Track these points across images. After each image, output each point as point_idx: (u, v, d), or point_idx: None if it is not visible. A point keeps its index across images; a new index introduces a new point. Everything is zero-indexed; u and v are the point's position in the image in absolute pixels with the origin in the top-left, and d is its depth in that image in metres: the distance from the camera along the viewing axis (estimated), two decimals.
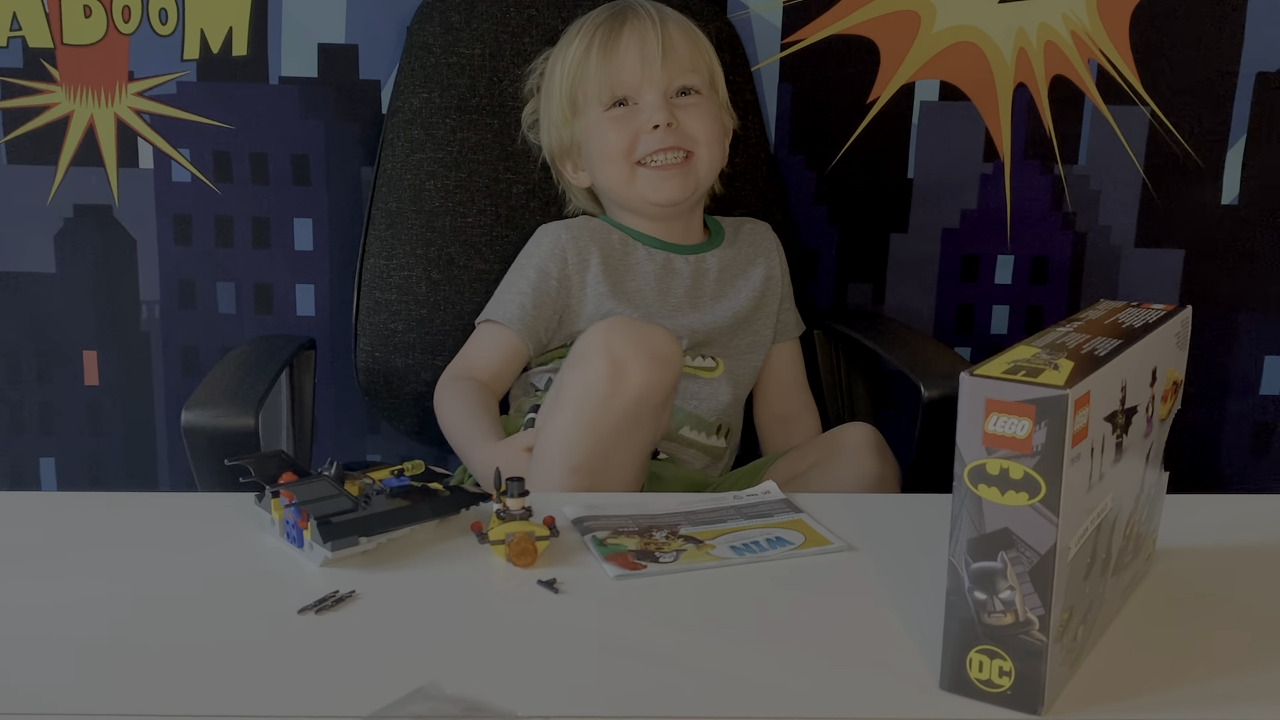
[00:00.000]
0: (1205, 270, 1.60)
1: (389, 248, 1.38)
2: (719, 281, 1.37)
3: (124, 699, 0.70)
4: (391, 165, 1.39)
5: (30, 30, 1.48)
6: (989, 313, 1.62)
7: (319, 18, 1.49)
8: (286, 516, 0.89)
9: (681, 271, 1.35)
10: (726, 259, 1.39)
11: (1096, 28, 1.53)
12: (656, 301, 1.34)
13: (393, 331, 1.38)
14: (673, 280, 1.35)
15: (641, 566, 0.87)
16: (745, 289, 1.38)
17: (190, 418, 1.10)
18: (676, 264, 1.36)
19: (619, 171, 1.32)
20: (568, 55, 1.34)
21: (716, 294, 1.37)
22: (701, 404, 1.33)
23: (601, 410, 1.06)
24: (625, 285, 1.34)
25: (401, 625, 0.79)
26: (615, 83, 1.32)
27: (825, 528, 0.95)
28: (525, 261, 1.35)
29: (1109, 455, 0.71)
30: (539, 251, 1.34)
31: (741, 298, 1.38)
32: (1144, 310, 0.83)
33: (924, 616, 0.79)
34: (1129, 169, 1.57)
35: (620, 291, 1.33)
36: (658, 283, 1.34)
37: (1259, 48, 1.53)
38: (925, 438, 1.19)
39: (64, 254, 1.55)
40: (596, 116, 1.33)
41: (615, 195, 1.35)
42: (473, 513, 0.95)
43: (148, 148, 1.52)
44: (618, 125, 1.32)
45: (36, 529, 0.94)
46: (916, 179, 1.57)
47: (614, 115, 1.32)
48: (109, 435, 1.61)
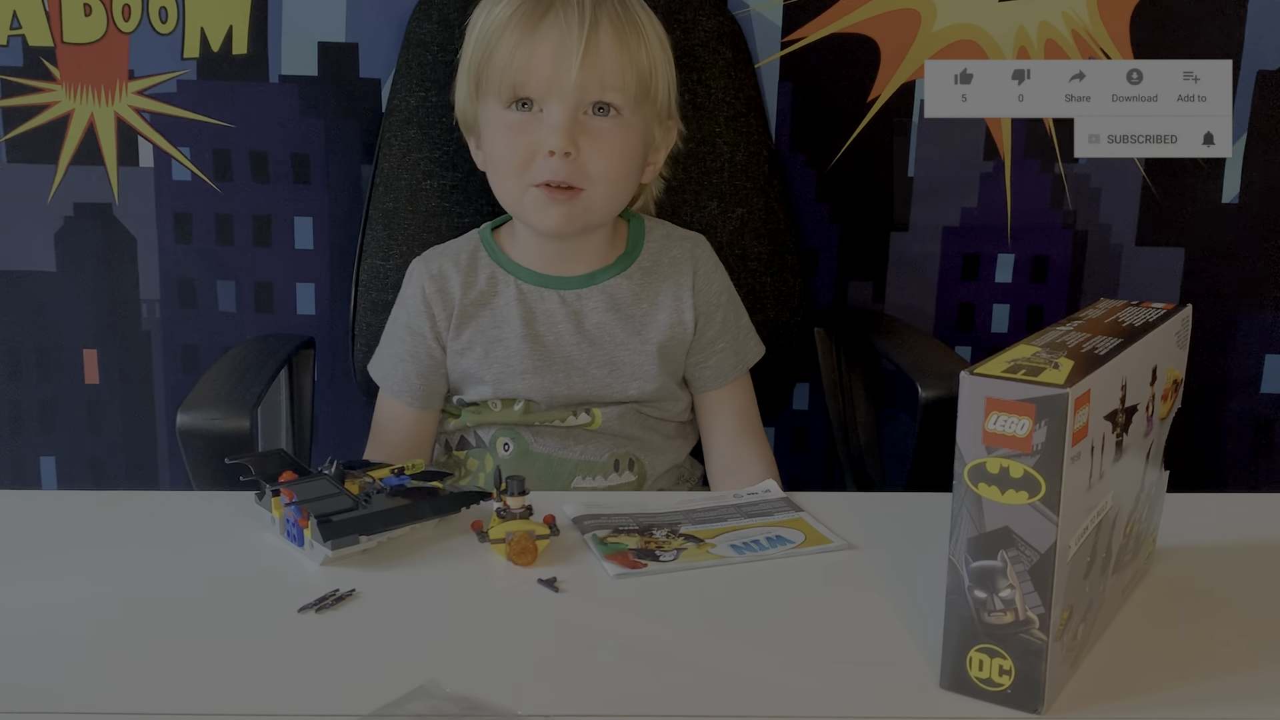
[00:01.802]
0: (1206, 269, 1.60)
1: (386, 248, 1.38)
2: (605, 323, 1.21)
3: (124, 697, 0.70)
4: (389, 165, 1.39)
5: (30, 29, 1.48)
6: (989, 311, 1.62)
7: (319, 16, 1.49)
8: (287, 515, 0.89)
9: (554, 315, 1.21)
10: (624, 293, 1.22)
11: (1097, 26, 1.52)
12: (519, 352, 1.20)
13: None
14: (540, 325, 1.21)
15: (642, 565, 0.87)
16: (641, 334, 1.22)
17: (185, 420, 1.10)
18: (549, 305, 1.21)
19: (510, 186, 1.18)
20: (487, 22, 1.17)
21: (596, 338, 1.21)
22: (587, 447, 1.22)
23: None
24: (490, 334, 1.22)
25: (401, 624, 0.79)
26: (519, 81, 1.14)
27: (825, 526, 0.95)
28: (400, 314, 1.26)
29: (1109, 454, 0.71)
30: (408, 305, 1.25)
31: (631, 347, 1.21)
32: (1144, 309, 0.83)
33: (924, 615, 0.79)
34: (1129, 167, 1.57)
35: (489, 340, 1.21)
36: (525, 328, 1.20)
37: (1259, 46, 1.53)
38: (924, 437, 1.19)
39: (64, 252, 1.55)
40: (495, 111, 1.17)
41: (505, 206, 1.22)
42: (473, 511, 0.95)
43: (148, 146, 1.52)
44: (514, 136, 1.15)
45: (36, 528, 0.94)
46: (917, 177, 1.57)
47: (512, 121, 1.16)
48: (109, 434, 1.61)
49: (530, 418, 1.22)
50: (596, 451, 1.22)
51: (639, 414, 1.24)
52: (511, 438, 1.23)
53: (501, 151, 1.17)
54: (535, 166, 1.15)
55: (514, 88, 1.15)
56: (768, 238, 1.42)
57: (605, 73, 1.14)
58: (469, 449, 1.27)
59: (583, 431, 1.23)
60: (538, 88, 1.14)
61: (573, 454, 1.22)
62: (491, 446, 1.24)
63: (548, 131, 1.13)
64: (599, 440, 1.23)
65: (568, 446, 1.22)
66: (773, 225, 1.44)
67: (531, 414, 1.22)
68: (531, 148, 1.14)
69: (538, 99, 1.15)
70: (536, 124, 1.15)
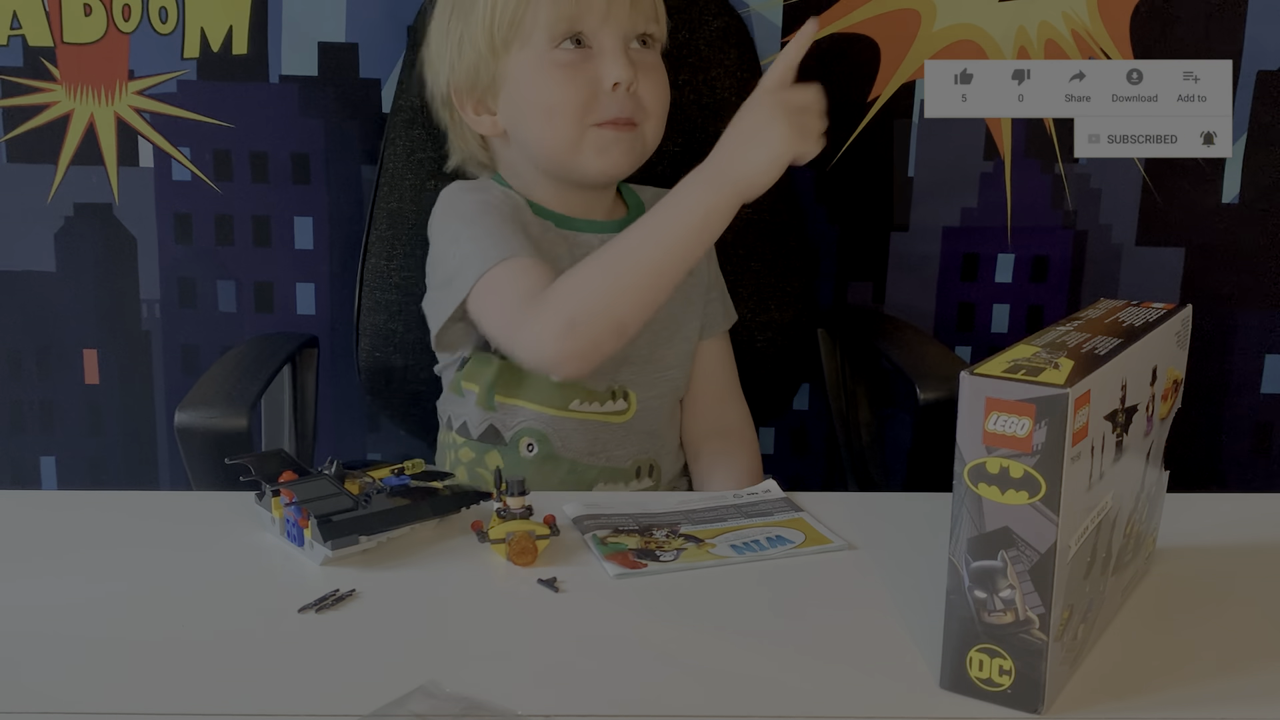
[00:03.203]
0: (1206, 269, 1.60)
1: (390, 248, 1.38)
2: None
3: (124, 697, 0.70)
4: (393, 165, 1.39)
5: (30, 29, 1.48)
6: (989, 311, 1.62)
7: (319, 16, 1.49)
8: (287, 515, 0.89)
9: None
10: None
11: (1097, 26, 1.52)
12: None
13: (393, 332, 1.38)
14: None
15: (642, 565, 0.87)
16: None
17: (183, 419, 1.10)
18: (592, 246, 1.12)
19: (565, 132, 1.13)
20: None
21: None
22: (612, 453, 1.19)
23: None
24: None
25: (401, 624, 0.79)
26: (575, 14, 1.10)
27: (825, 526, 0.95)
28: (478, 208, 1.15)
29: (1109, 454, 0.71)
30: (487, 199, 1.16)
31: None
32: (1144, 309, 0.83)
33: (924, 615, 0.79)
34: (1129, 167, 1.57)
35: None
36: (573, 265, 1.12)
37: (1259, 46, 1.53)
38: (924, 438, 1.19)
39: (64, 252, 1.55)
40: (539, 56, 1.12)
41: (549, 157, 1.16)
42: (473, 511, 0.95)
43: (148, 146, 1.52)
44: (570, 75, 1.11)
45: (36, 528, 0.94)
46: (917, 177, 1.57)
47: (564, 60, 1.11)
48: (109, 434, 1.61)
49: (569, 393, 1.16)
50: (621, 457, 1.19)
51: (667, 401, 1.22)
52: (537, 439, 1.18)
53: (555, 94, 1.12)
54: (599, 104, 1.12)
55: (570, 20, 1.11)
56: (770, 238, 1.42)
57: (647, 2, 1.14)
58: (486, 446, 1.19)
59: (612, 429, 1.18)
60: (594, 20, 1.11)
61: (598, 460, 1.18)
62: (514, 446, 1.18)
63: (610, 64, 1.11)
64: (625, 442, 1.19)
65: (594, 452, 1.18)
66: (776, 225, 1.44)
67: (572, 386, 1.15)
68: (592, 84, 1.12)
69: (591, 32, 1.12)
70: (590, 60, 1.12)
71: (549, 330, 1.04)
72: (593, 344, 1.04)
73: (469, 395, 1.20)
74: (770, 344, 1.41)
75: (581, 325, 1.03)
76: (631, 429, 1.20)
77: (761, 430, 1.64)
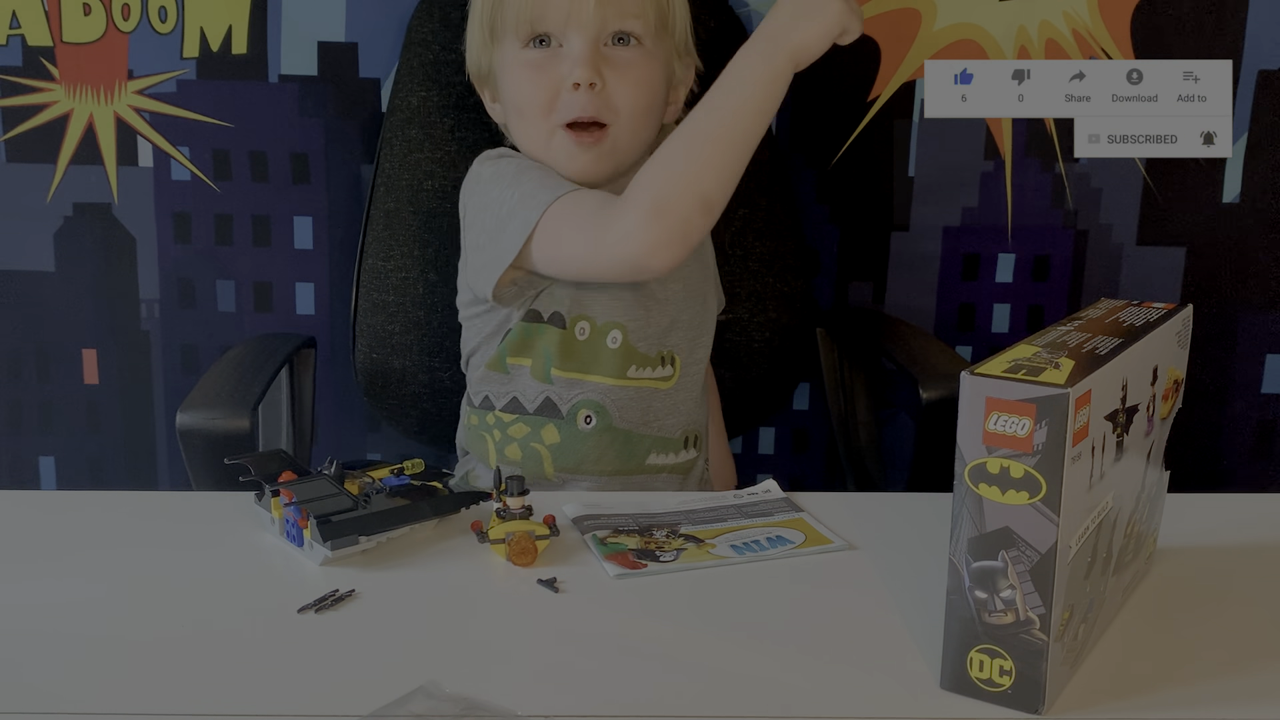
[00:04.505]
0: (1206, 269, 1.60)
1: (386, 248, 1.38)
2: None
3: (124, 697, 0.70)
4: (390, 165, 1.38)
5: (29, 28, 1.48)
6: (990, 311, 1.62)
7: (319, 16, 1.49)
8: (286, 515, 0.89)
9: None
10: None
11: (1098, 25, 1.52)
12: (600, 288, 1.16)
13: (390, 333, 1.38)
14: None
15: (642, 565, 0.87)
16: (700, 256, 1.24)
17: (185, 420, 1.10)
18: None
19: (535, 130, 1.15)
20: None
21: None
22: (664, 422, 1.20)
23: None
24: None
25: (401, 625, 0.79)
26: (536, 15, 1.12)
27: (826, 527, 0.95)
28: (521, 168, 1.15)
29: (1110, 454, 0.71)
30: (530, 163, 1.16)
31: (689, 263, 1.18)
32: (1145, 309, 0.83)
33: (924, 616, 0.79)
34: (1130, 167, 1.57)
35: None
36: None
37: (1259, 46, 1.53)
38: (925, 437, 1.19)
39: (63, 252, 1.55)
40: (512, 53, 1.14)
41: (532, 155, 1.17)
42: (473, 512, 0.95)
43: (147, 146, 1.52)
44: (534, 74, 1.13)
45: (36, 528, 0.94)
46: (917, 177, 1.57)
47: (531, 59, 1.13)
48: (109, 434, 1.61)
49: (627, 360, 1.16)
50: (672, 427, 1.20)
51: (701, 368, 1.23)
52: (595, 410, 1.16)
53: (523, 93, 1.14)
54: (561, 104, 1.12)
55: (531, 23, 1.12)
56: (770, 238, 1.41)
57: (623, 0, 1.12)
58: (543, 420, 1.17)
59: (661, 396, 1.18)
60: (556, 20, 1.12)
61: (651, 430, 1.18)
62: (571, 419, 1.16)
63: (570, 64, 1.11)
64: (674, 410, 1.19)
65: (647, 421, 1.18)
66: (775, 225, 1.44)
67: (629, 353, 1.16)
68: (555, 84, 1.12)
69: (556, 33, 1.12)
70: (557, 59, 1.13)
71: (637, 218, 1.04)
72: (682, 221, 1.05)
73: (517, 370, 1.18)
74: (769, 344, 1.41)
75: (669, 204, 1.04)
76: (676, 396, 1.20)
77: (761, 430, 1.65)
